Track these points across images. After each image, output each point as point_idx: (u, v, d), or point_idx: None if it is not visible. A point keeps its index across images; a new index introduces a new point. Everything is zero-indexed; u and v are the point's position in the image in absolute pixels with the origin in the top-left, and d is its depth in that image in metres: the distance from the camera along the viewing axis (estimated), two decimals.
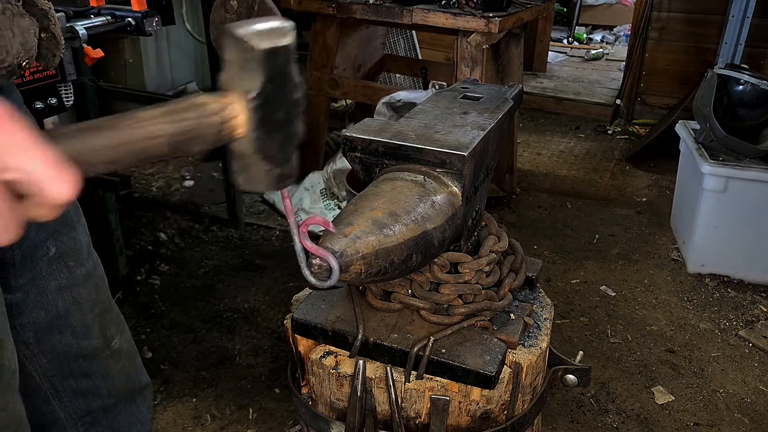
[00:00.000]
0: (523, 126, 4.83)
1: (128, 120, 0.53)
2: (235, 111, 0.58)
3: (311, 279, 0.82)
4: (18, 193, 0.46)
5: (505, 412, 1.12)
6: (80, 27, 2.07)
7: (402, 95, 2.93)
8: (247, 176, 0.61)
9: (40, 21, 0.93)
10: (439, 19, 2.78)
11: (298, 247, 0.77)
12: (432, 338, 1.05)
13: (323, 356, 1.11)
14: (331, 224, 0.84)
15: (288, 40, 0.59)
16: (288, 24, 0.60)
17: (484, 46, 2.80)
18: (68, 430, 1.31)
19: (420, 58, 4.32)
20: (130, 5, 2.30)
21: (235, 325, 2.49)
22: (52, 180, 0.46)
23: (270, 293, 2.70)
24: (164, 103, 0.55)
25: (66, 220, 1.16)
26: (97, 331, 1.27)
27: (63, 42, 0.99)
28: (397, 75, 4.13)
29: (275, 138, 0.60)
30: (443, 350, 1.05)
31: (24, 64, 0.89)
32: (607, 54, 7.00)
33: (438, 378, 1.06)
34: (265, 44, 0.57)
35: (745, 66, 3.14)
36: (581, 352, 1.32)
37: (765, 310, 2.69)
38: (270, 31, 0.58)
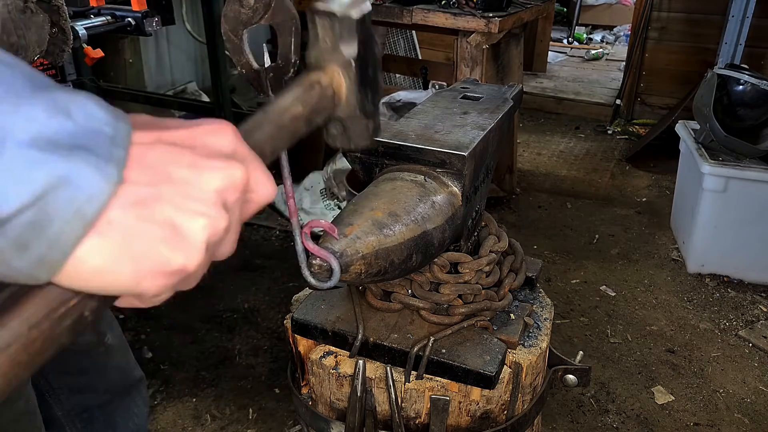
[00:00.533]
0: (523, 126, 4.83)
1: (274, 112, 0.60)
2: (338, 79, 0.65)
3: (311, 280, 0.82)
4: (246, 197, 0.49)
5: (505, 412, 1.12)
6: (80, 27, 2.07)
7: (402, 95, 2.93)
8: (350, 135, 0.68)
9: (52, 16, 0.94)
10: (439, 19, 2.78)
11: (299, 247, 0.77)
12: (432, 338, 1.05)
13: (323, 356, 1.11)
14: (336, 230, 0.84)
15: (368, 5, 0.66)
16: None
17: (484, 46, 2.81)
18: (66, 427, 1.32)
19: (420, 58, 4.32)
20: (130, 5, 2.30)
21: (235, 325, 2.50)
22: (268, 185, 0.50)
23: (270, 293, 2.70)
24: (286, 90, 0.62)
25: None
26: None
27: (72, 38, 1.00)
28: (397, 75, 4.14)
29: (368, 94, 0.68)
30: (443, 350, 1.05)
31: (36, 58, 0.91)
32: (607, 54, 7.00)
33: (438, 378, 1.06)
34: (356, 13, 0.63)
35: (745, 66, 3.14)
36: (581, 352, 1.32)
37: (765, 310, 2.69)
38: (354, 1, 0.65)
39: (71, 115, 0.39)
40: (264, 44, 0.79)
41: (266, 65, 0.78)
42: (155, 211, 0.42)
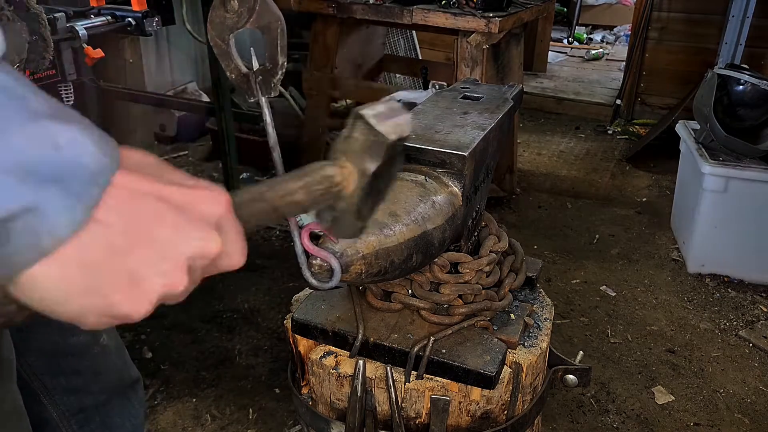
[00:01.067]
0: (523, 126, 4.83)
1: (276, 191, 0.64)
2: (349, 181, 0.68)
3: (312, 280, 0.82)
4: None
5: (506, 412, 1.12)
6: (80, 27, 2.07)
7: (402, 95, 2.92)
8: (338, 228, 0.72)
9: (31, 24, 0.94)
10: (439, 19, 2.78)
11: (298, 248, 0.77)
12: (432, 338, 1.05)
13: (323, 356, 1.11)
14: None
15: (408, 130, 0.69)
16: (408, 115, 0.70)
17: (484, 46, 2.80)
18: (62, 428, 1.31)
19: (420, 58, 4.32)
20: (130, 5, 2.30)
21: (235, 325, 2.49)
22: (239, 254, 0.56)
23: (270, 293, 2.70)
24: (299, 173, 0.66)
25: None
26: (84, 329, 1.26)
27: (52, 44, 1.00)
28: (397, 75, 4.14)
29: (369, 202, 0.71)
30: (443, 350, 1.05)
31: (14, 67, 0.90)
32: (607, 54, 7.00)
33: (438, 378, 1.06)
34: (394, 137, 0.66)
35: (745, 66, 3.14)
36: (581, 352, 1.32)
37: (765, 310, 2.69)
38: (398, 124, 0.67)
39: (58, 147, 0.40)
40: (251, 48, 0.80)
41: (254, 68, 0.78)
42: (121, 260, 0.43)
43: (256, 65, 0.78)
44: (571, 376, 1.22)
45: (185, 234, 0.47)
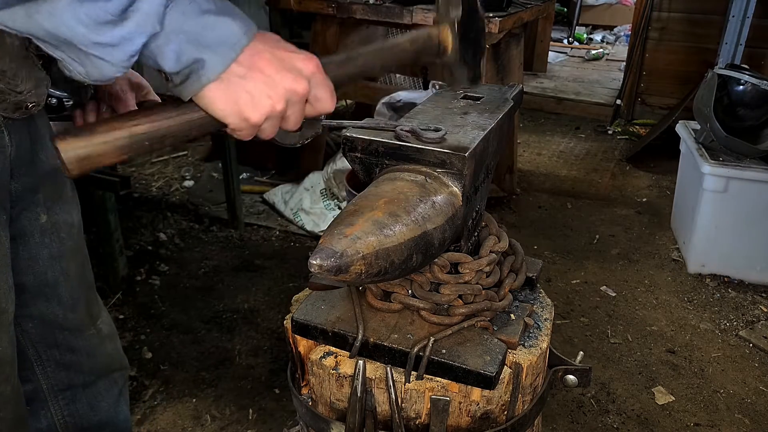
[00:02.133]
0: (523, 126, 4.83)
1: (389, 43, 0.94)
2: (446, 35, 0.93)
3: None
4: (309, 102, 0.82)
5: (506, 412, 1.11)
6: None
7: (402, 95, 2.93)
8: (453, 78, 0.97)
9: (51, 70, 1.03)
10: None
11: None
12: (432, 338, 1.05)
13: (323, 356, 1.11)
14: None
15: None
16: None
17: None
18: (49, 403, 1.33)
19: None
20: None
21: (235, 325, 2.49)
22: (328, 100, 0.83)
23: (270, 293, 2.70)
24: (408, 34, 0.94)
25: (60, 195, 1.21)
26: (83, 307, 1.31)
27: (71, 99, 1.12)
28: (397, 75, 4.13)
29: (469, 51, 0.94)
30: (443, 351, 1.05)
31: (31, 106, 1.00)
32: (608, 54, 7.00)
33: (438, 378, 1.05)
34: None
35: (746, 66, 3.14)
36: (581, 352, 1.32)
37: (765, 310, 2.69)
38: None
39: (215, 28, 0.73)
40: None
41: None
42: (245, 84, 0.75)
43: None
44: (571, 377, 1.21)
45: (282, 75, 0.77)
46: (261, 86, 0.76)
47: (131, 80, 1.18)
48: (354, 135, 1.04)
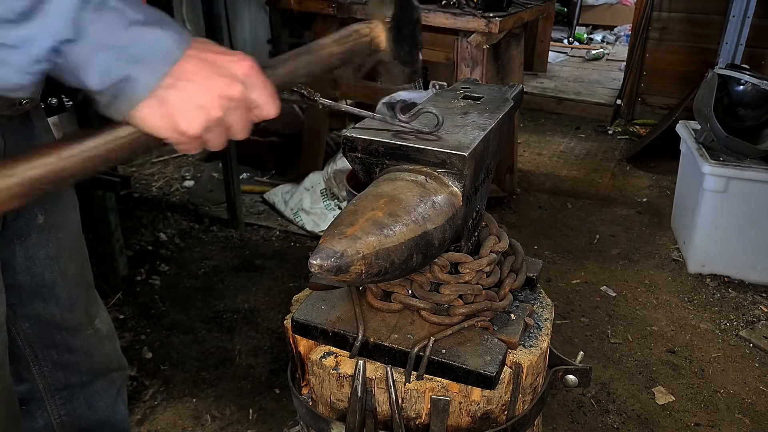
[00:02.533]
0: (523, 126, 4.83)
1: (314, 47, 0.82)
2: (378, 32, 0.86)
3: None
4: (249, 108, 0.76)
5: (506, 412, 1.11)
6: None
7: (402, 95, 2.93)
8: (389, 76, 0.91)
9: None
10: (439, 19, 2.77)
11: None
12: (432, 338, 1.05)
13: (323, 356, 1.11)
14: None
15: None
16: None
17: (484, 46, 2.80)
18: (46, 402, 1.33)
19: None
20: None
21: (235, 325, 2.49)
22: (269, 105, 0.77)
23: (270, 293, 2.70)
24: (333, 33, 0.85)
25: (58, 195, 1.21)
26: (81, 307, 1.30)
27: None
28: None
29: (404, 47, 0.88)
30: (443, 350, 1.05)
31: (25, 102, 0.98)
32: (608, 54, 7.00)
33: (438, 378, 1.05)
34: None
35: (746, 66, 3.14)
36: (582, 352, 1.32)
37: (766, 310, 2.69)
38: None
39: (143, 43, 0.68)
40: None
41: None
42: (178, 94, 0.70)
43: None
44: (571, 377, 1.21)
45: (213, 80, 0.72)
46: (192, 96, 0.71)
47: None
48: (354, 135, 1.04)
